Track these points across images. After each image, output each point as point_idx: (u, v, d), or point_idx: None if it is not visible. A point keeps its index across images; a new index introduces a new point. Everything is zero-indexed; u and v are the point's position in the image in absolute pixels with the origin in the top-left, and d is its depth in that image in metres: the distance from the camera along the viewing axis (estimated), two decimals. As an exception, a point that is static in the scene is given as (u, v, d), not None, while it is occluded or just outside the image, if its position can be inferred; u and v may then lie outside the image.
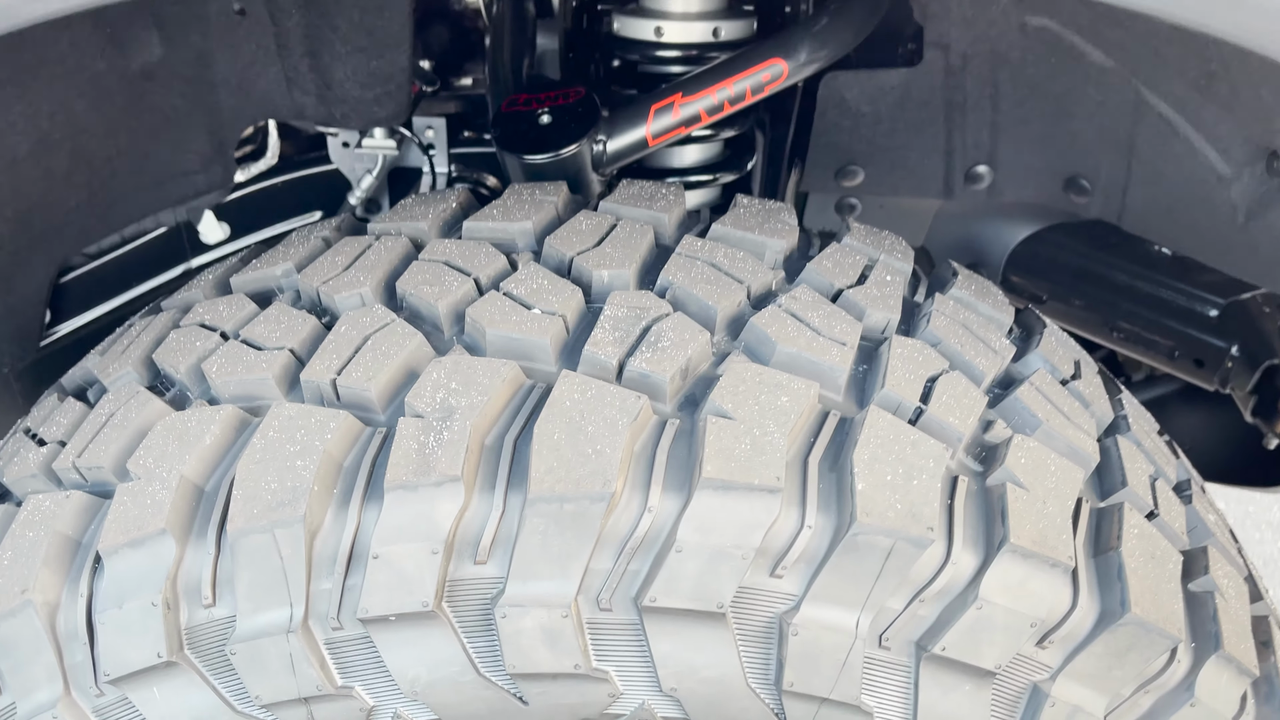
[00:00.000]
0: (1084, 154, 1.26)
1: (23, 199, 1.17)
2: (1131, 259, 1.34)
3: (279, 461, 0.66)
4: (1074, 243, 1.38)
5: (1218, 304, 1.29)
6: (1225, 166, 1.13)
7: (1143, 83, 1.12)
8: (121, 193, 1.28)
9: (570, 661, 0.65)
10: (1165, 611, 0.71)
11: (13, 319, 1.29)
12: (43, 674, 0.69)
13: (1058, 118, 1.25)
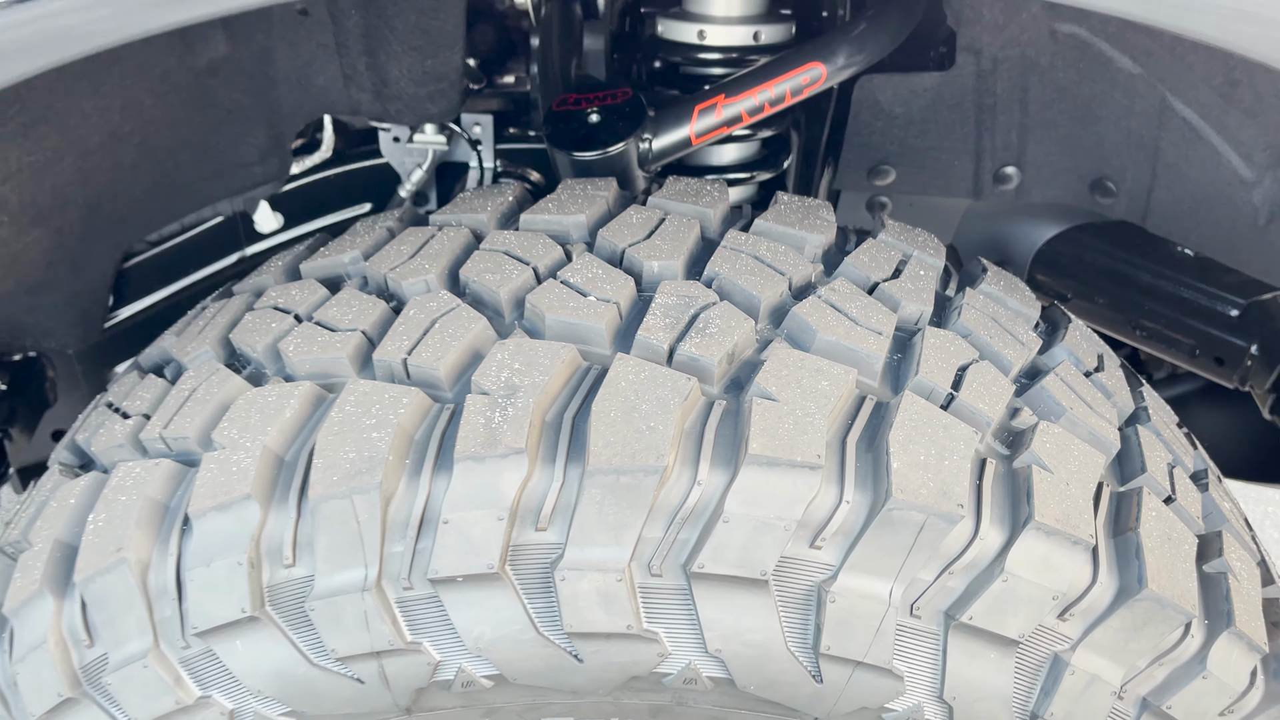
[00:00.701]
0: (1110, 157, 1.30)
1: (92, 189, 1.23)
2: (1155, 259, 1.38)
3: (356, 434, 0.72)
4: (1099, 243, 1.41)
5: (1238, 304, 1.33)
6: (1248, 171, 1.17)
7: (1168, 89, 1.16)
8: (184, 183, 1.34)
9: (623, 622, 0.70)
10: (1180, 589, 0.75)
11: (79, 302, 1.36)
12: (134, 627, 0.74)
13: (1085, 121, 1.29)
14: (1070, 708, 0.73)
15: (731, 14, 1.15)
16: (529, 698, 0.74)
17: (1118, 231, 1.40)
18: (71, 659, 0.77)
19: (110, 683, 0.75)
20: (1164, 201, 1.31)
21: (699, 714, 0.75)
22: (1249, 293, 1.32)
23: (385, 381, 0.76)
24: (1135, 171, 1.30)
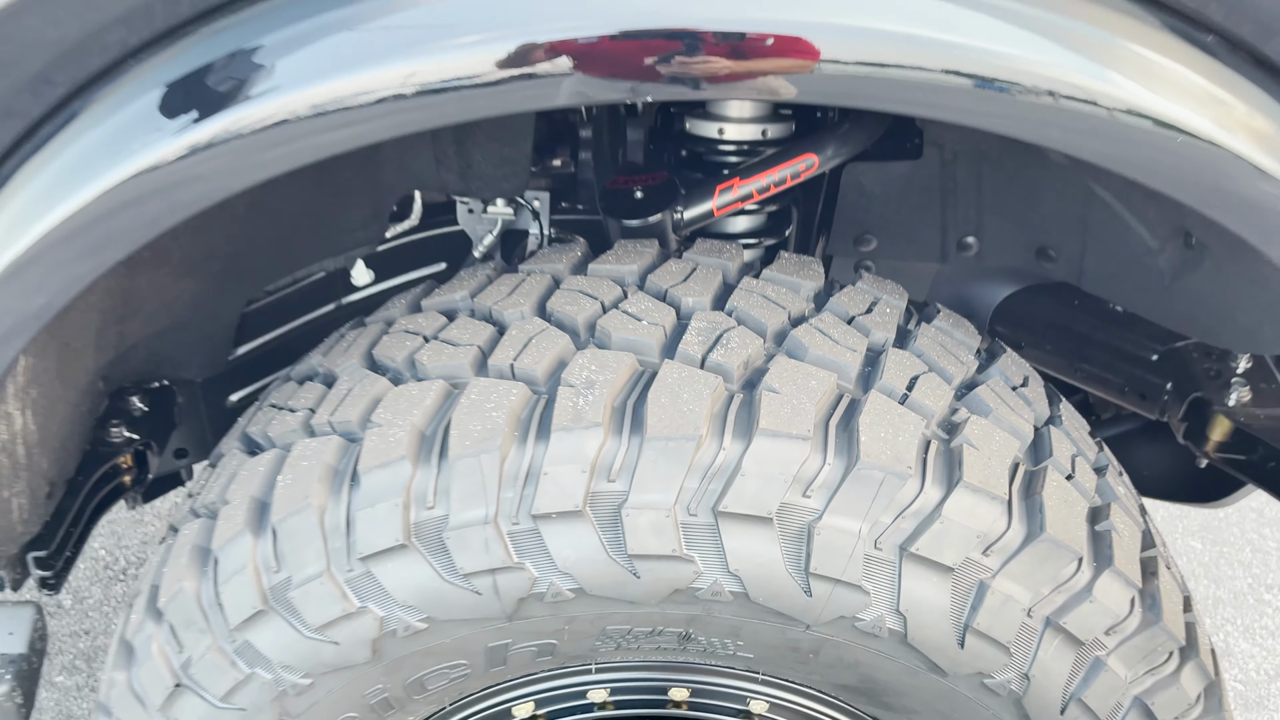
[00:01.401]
0: (1049, 229, 1.61)
1: (233, 247, 1.54)
2: (1091, 314, 1.67)
3: (480, 414, 1.01)
4: (1045, 300, 1.71)
5: (1157, 350, 1.62)
6: (1153, 241, 1.47)
7: (1090, 178, 1.47)
8: (301, 245, 1.65)
9: (669, 548, 0.98)
10: (1072, 537, 1.03)
11: (210, 340, 1.65)
12: (313, 555, 1.02)
13: (1028, 201, 1.59)
14: (991, 621, 1.01)
15: (744, 115, 1.47)
16: (599, 608, 1.02)
17: (1061, 291, 1.69)
18: (263, 581, 1.04)
19: (293, 597, 1.03)
20: (1094, 266, 1.61)
21: (722, 622, 1.03)
22: (1166, 341, 1.61)
23: (496, 382, 1.05)
24: (1070, 241, 1.60)
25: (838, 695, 1.11)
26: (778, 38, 0.88)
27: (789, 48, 0.88)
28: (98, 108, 0.98)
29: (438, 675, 1.07)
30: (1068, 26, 0.88)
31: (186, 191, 0.98)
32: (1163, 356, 1.60)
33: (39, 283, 0.99)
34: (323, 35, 0.93)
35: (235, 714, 1.09)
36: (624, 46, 0.88)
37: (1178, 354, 1.59)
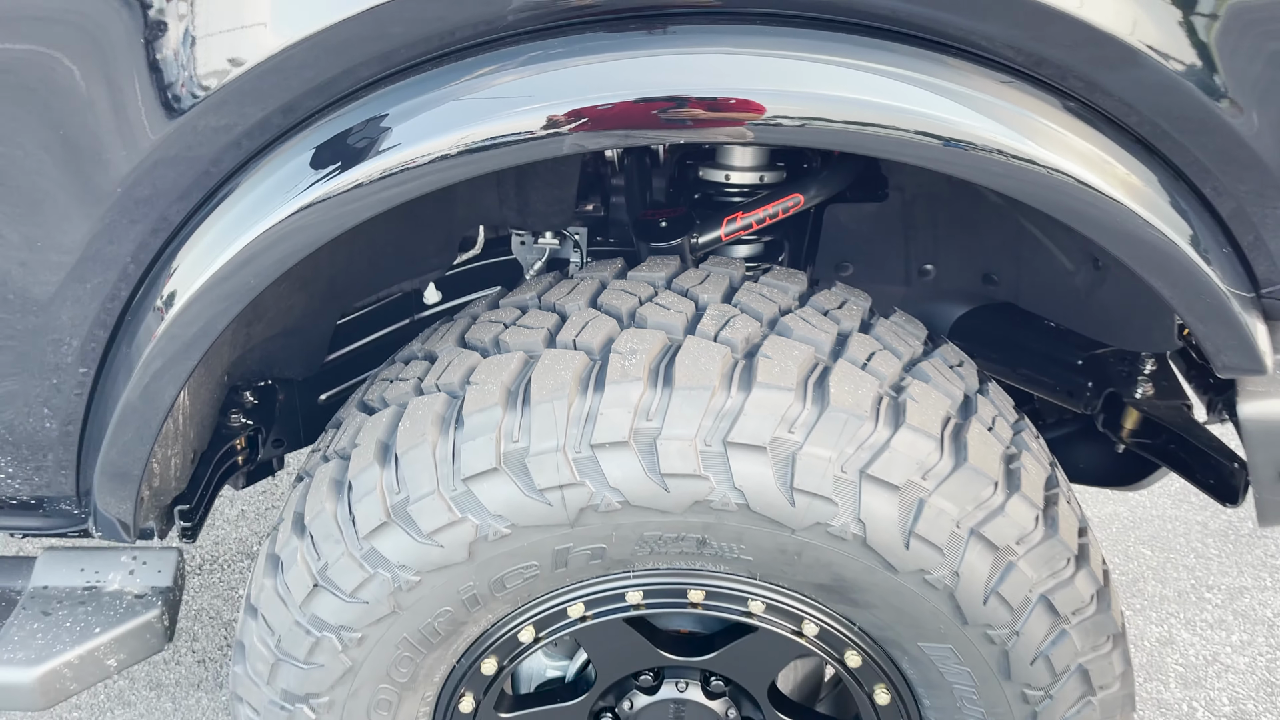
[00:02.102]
0: (992, 257, 1.98)
1: (335, 268, 1.91)
2: (1028, 328, 2.02)
3: (552, 373, 1.37)
4: (992, 317, 2.06)
5: (1081, 356, 1.97)
6: (1070, 265, 1.84)
7: (1019, 213, 1.85)
8: (386, 268, 2.02)
9: (691, 469, 1.33)
10: (988, 467, 1.39)
11: (311, 346, 2.02)
12: (427, 479, 1.38)
13: (974, 234, 1.96)
14: (929, 528, 1.36)
15: (746, 164, 1.85)
16: (638, 517, 1.37)
17: (1004, 309, 2.05)
18: (387, 500, 1.40)
19: (411, 511, 1.38)
20: (1027, 287, 1.98)
21: (729, 529, 1.38)
22: (1088, 348, 1.96)
23: (565, 352, 1.42)
24: (1008, 267, 1.97)
25: (815, 596, 1.46)
26: (737, 100, 1.26)
27: (744, 106, 1.26)
28: (275, 161, 1.36)
29: (515, 575, 1.43)
30: (966, 94, 1.26)
31: (332, 224, 1.35)
32: (1085, 361, 1.96)
33: (239, 286, 1.36)
34: (431, 107, 1.31)
35: (360, 606, 1.44)
36: (637, 107, 1.26)
37: (1097, 359, 1.95)
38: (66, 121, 1.30)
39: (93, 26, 1.25)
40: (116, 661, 1.67)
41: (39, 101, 1.29)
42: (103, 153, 1.31)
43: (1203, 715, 2.53)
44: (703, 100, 1.25)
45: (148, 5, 1.25)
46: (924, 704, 1.54)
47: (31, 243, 1.37)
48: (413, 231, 1.95)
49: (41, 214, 1.36)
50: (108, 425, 1.48)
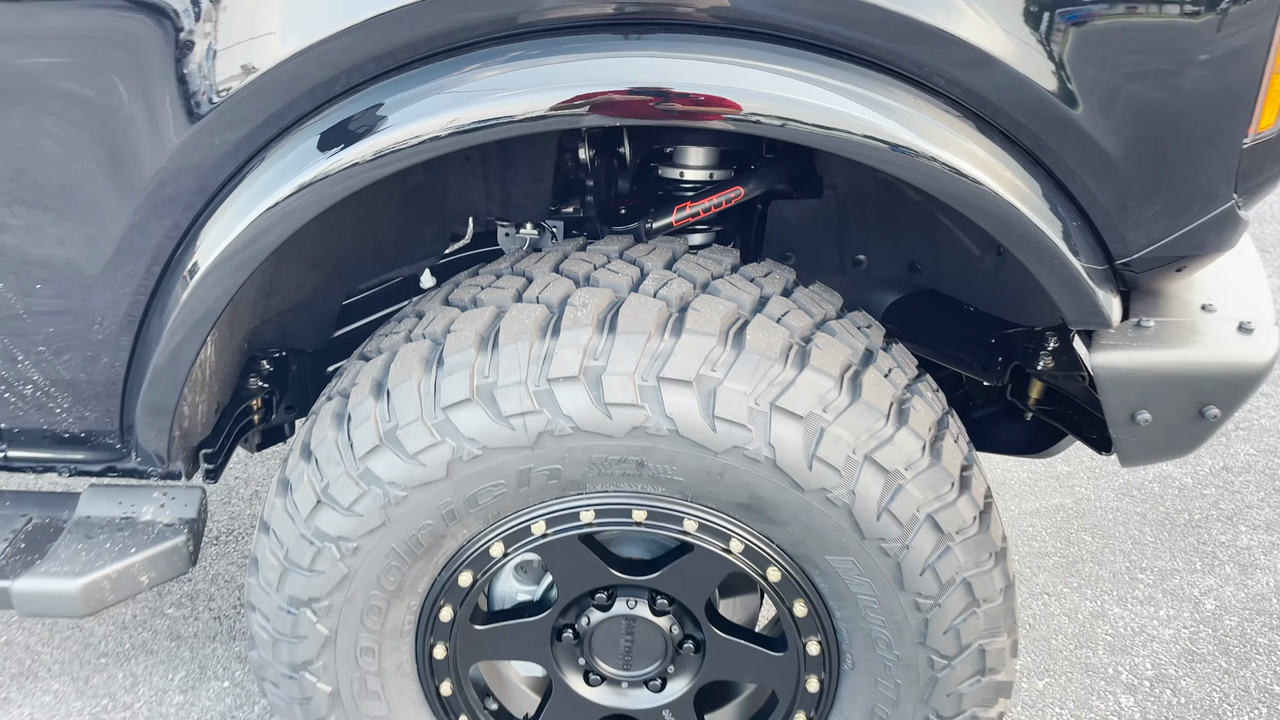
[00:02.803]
0: (915, 248, 2.25)
1: (341, 251, 2.20)
2: (949, 312, 2.30)
3: (519, 324, 1.66)
4: (918, 303, 2.35)
5: (994, 335, 2.24)
6: (978, 252, 2.12)
7: (934, 208, 2.13)
8: (388, 253, 2.32)
9: (630, 399, 1.61)
10: (880, 404, 1.66)
11: (321, 321, 2.30)
12: (413, 407, 1.66)
13: (899, 227, 2.24)
14: (828, 453, 1.63)
15: (697, 164, 2.14)
16: (587, 440, 1.64)
17: (930, 295, 2.33)
18: (380, 427, 1.68)
19: (399, 435, 1.67)
20: (946, 274, 2.26)
21: (663, 452, 1.65)
22: (1000, 328, 2.24)
23: (529, 305, 1.70)
24: (929, 257, 2.25)
25: (738, 515, 1.73)
26: (708, 97, 1.55)
27: (721, 102, 1.55)
28: (295, 139, 1.65)
29: (485, 492, 1.70)
30: (884, 103, 1.54)
31: (338, 187, 1.63)
32: (997, 339, 2.22)
33: (263, 236, 1.65)
34: (422, 97, 1.60)
35: (356, 519, 1.72)
36: (633, 96, 1.55)
37: (1007, 337, 2.21)
38: (109, 124, 1.59)
39: (135, 42, 1.55)
40: (148, 578, 1.94)
41: (86, 103, 1.59)
42: (140, 149, 1.61)
43: (1126, 677, 2.77)
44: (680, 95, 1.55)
45: (181, 22, 1.55)
46: (835, 615, 1.81)
47: (92, 216, 1.67)
48: (411, 221, 2.25)
49: (96, 202, 1.65)
50: (148, 368, 1.77)
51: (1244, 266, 1.98)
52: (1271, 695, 2.72)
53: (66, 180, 1.64)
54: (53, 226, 1.68)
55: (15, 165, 1.64)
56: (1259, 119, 1.63)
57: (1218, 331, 1.76)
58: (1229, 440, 3.81)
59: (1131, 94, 1.56)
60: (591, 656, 1.93)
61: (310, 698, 1.87)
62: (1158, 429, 1.75)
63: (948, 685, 1.79)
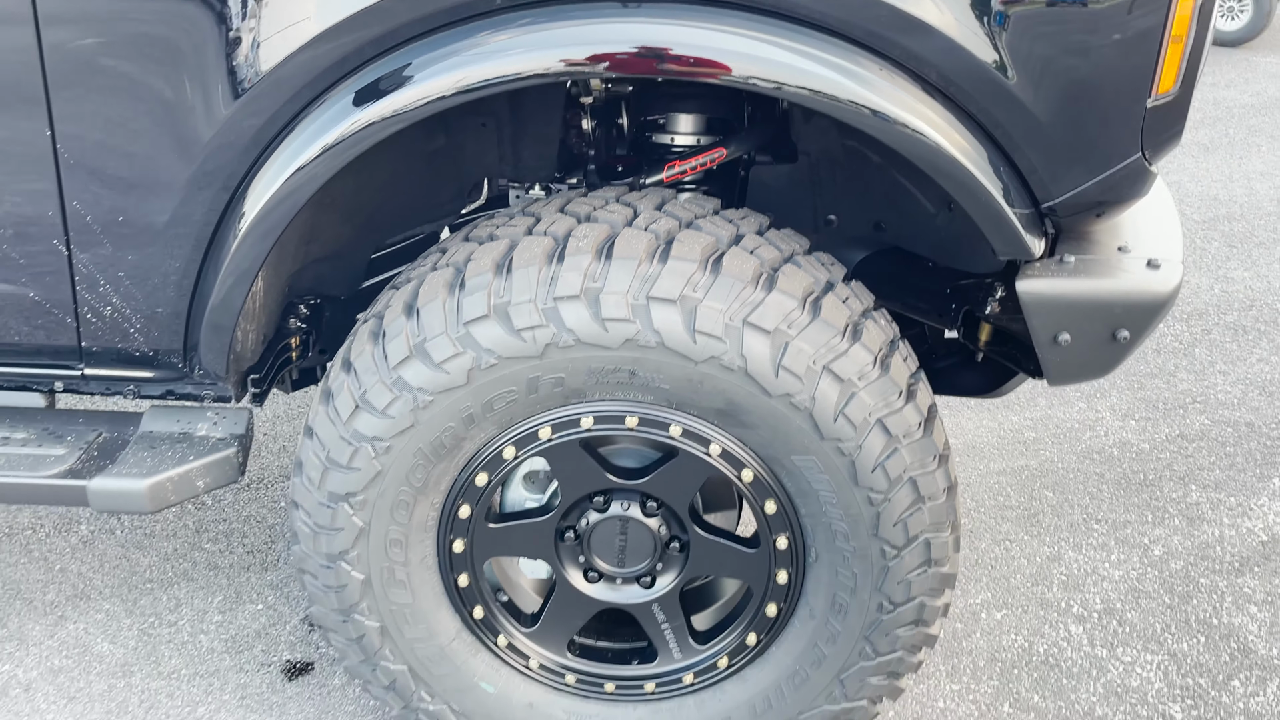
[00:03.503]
0: (879, 208, 2.54)
1: (373, 206, 2.50)
2: (911, 267, 2.59)
3: (530, 253, 1.95)
4: (884, 260, 2.64)
5: (950, 285, 2.53)
6: (933, 209, 2.42)
7: (894, 169, 2.42)
8: (412, 210, 2.61)
9: (624, 315, 1.89)
10: (837, 323, 1.95)
11: (352, 270, 2.59)
12: (439, 323, 1.95)
13: (865, 189, 2.53)
14: (792, 362, 1.91)
15: (686, 130, 2.44)
16: (587, 352, 1.92)
17: (893, 252, 2.62)
18: (410, 340, 1.97)
19: (427, 347, 1.95)
20: (908, 234, 2.54)
21: (651, 362, 1.93)
22: (955, 280, 2.53)
23: (538, 237, 2.00)
24: (891, 216, 2.54)
25: (716, 420, 2.02)
26: (696, 59, 1.85)
27: (710, 63, 1.85)
28: (332, 99, 1.95)
29: (500, 398, 1.99)
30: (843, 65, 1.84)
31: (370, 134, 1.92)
32: (951, 290, 2.51)
33: (307, 179, 1.94)
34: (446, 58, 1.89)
35: (389, 421, 2.00)
36: (638, 54, 1.85)
37: (960, 287, 2.50)
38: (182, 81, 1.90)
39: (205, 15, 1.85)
40: (204, 483, 2.23)
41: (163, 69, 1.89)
42: (201, 112, 1.91)
43: (1077, 610, 3.05)
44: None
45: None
46: (800, 512, 2.09)
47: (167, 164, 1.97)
48: (432, 181, 2.54)
49: (169, 145, 1.95)
50: (212, 292, 2.06)
51: (1161, 216, 2.27)
52: (1210, 627, 2.99)
53: (147, 128, 1.94)
54: (133, 164, 1.97)
55: (109, 119, 1.93)
56: (1159, 84, 1.92)
57: (1129, 266, 2.05)
58: (1186, 411, 4.09)
59: (1054, 66, 1.86)
60: (590, 555, 2.21)
61: (345, 585, 2.16)
62: (1077, 349, 2.04)
63: (898, 574, 2.07)
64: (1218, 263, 5.46)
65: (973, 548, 3.29)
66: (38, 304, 2.10)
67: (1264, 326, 4.78)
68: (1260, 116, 8.11)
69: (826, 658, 2.17)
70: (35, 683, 2.68)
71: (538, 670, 2.29)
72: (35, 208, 2.00)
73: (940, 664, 2.84)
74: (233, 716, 2.59)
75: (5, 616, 2.91)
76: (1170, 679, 2.81)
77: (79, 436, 2.28)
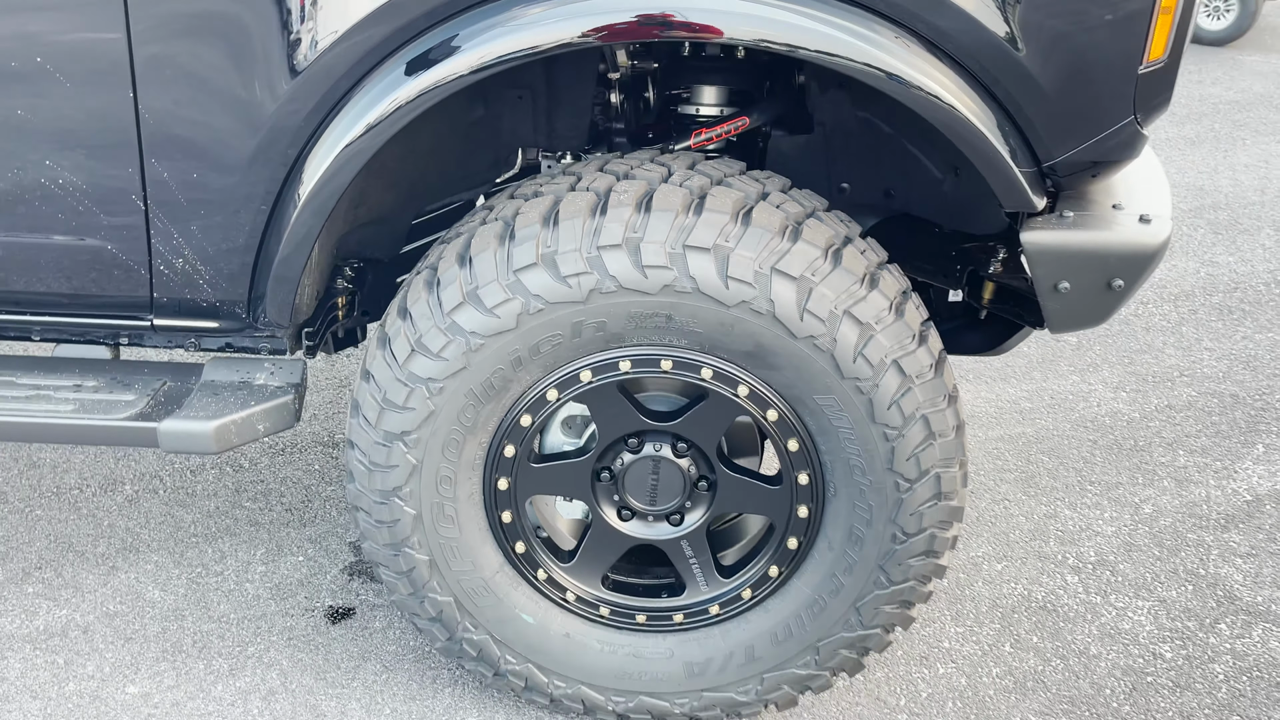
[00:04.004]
0: (888, 177, 2.72)
1: (416, 174, 2.67)
2: (920, 231, 2.77)
3: (573, 205, 2.12)
4: (894, 226, 2.81)
5: (956, 248, 2.71)
6: (940, 174, 2.59)
7: (904, 138, 2.60)
8: (451, 178, 2.78)
9: (662, 262, 2.06)
10: (857, 271, 2.12)
11: (395, 235, 2.76)
12: (490, 271, 2.11)
13: (875, 159, 2.70)
14: (816, 306, 2.08)
15: (710, 101, 2.62)
16: (627, 298, 2.09)
17: (902, 219, 2.80)
18: (464, 287, 2.14)
19: (479, 293, 2.12)
20: (917, 199, 2.72)
21: (686, 307, 2.09)
22: (960, 243, 2.71)
23: (581, 193, 2.17)
24: (901, 184, 2.71)
25: (744, 363, 2.19)
26: (693, 23, 2.02)
27: (705, 26, 2.02)
28: (386, 69, 2.11)
29: (546, 341, 2.15)
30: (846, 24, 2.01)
31: (423, 101, 2.09)
32: (957, 252, 2.69)
33: (369, 140, 2.11)
34: (489, 29, 2.06)
35: (442, 363, 2.17)
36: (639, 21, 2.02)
37: (965, 250, 2.69)
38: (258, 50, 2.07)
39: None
40: (264, 427, 2.39)
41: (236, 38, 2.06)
42: (264, 86, 2.08)
43: (1073, 562, 3.23)
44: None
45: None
46: (820, 449, 2.26)
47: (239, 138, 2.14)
48: (471, 150, 2.71)
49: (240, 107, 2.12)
50: (279, 246, 2.22)
51: (1151, 179, 2.45)
52: (1197, 577, 3.17)
53: (221, 86, 2.11)
54: (208, 124, 2.14)
55: (188, 85, 2.10)
56: (1150, 51, 2.10)
57: (1123, 221, 2.23)
58: (1174, 384, 4.27)
59: (1058, 37, 2.04)
60: (624, 494, 2.38)
61: (398, 519, 2.32)
62: (1076, 297, 2.22)
63: (911, 506, 2.24)
64: (1204, 248, 5.66)
65: (973, 506, 3.47)
66: (115, 257, 2.26)
67: (1248, 307, 4.98)
68: (1245, 112, 8.33)
69: (844, 587, 2.34)
70: (93, 625, 2.84)
71: (574, 603, 2.46)
72: (118, 167, 2.16)
73: (945, 609, 3.01)
74: (281, 655, 2.75)
75: (59, 567, 3.06)
76: (1160, 622, 2.99)
77: (146, 385, 2.44)
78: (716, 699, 2.47)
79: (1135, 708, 2.68)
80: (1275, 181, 6.71)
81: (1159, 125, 7.54)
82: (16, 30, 2.08)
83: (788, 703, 2.50)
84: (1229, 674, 2.80)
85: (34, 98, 2.12)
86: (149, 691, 2.61)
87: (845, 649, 2.40)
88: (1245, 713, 2.67)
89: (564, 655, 2.47)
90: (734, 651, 2.44)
